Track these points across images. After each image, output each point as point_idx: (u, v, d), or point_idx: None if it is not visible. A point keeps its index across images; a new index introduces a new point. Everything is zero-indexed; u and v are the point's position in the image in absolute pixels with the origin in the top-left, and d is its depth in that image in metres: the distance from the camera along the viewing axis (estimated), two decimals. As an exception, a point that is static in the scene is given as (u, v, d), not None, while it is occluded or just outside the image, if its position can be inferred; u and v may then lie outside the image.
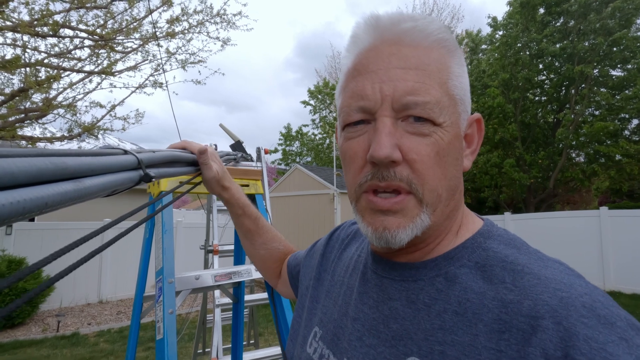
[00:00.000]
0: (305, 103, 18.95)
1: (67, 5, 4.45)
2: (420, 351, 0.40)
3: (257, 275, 1.19)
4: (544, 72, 11.67)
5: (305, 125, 19.38)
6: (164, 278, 0.96)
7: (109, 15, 5.06)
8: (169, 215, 1.03)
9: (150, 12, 4.79)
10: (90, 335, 5.62)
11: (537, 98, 12.21)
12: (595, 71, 9.94)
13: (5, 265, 5.72)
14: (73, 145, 5.71)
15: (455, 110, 0.43)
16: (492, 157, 11.09)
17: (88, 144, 6.21)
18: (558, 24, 11.03)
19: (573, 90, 10.71)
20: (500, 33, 12.08)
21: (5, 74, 4.52)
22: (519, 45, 11.19)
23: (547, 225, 7.79)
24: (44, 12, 4.27)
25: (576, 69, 9.58)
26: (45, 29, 4.30)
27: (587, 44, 9.99)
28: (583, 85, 10.32)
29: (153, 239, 1.14)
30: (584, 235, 7.33)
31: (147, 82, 5.74)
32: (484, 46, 13.72)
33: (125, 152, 0.41)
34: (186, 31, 5.64)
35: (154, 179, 0.43)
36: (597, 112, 10.66)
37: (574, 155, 11.65)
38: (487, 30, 13.83)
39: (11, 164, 0.20)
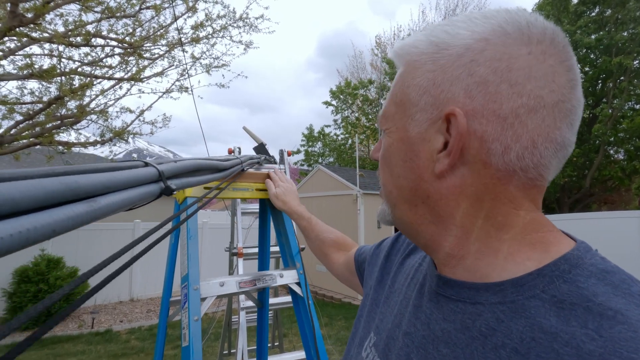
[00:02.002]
0: (327, 103, 18.91)
1: (99, 16, 4.64)
2: None
3: (281, 281, 1.17)
4: (578, 65, 11.08)
5: (327, 126, 19.32)
6: (189, 284, 0.96)
7: (137, 23, 5.24)
8: (194, 221, 1.03)
9: (175, 19, 4.92)
10: (122, 332, 5.83)
11: (570, 93, 11.60)
12: (635, 62, 9.33)
13: (44, 264, 6.03)
14: (104, 149, 5.96)
15: (403, 114, 0.44)
16: (522, 156, 10.62)
17: (119, 148, 6.46)
18: (593, 14, 10.44)
19: (611, 84, 10.11)
20: (530, 26, 11.57)
21: (43, 83, 4.76)
22: (550, 38, 10.67)
23: (583, 227, 7.39)
24: (77, 23, 4.47)
25: (614, 61, 9.03)
26: (79, 39, 4.50)
27: (625, 34, 9.39)
28: (622, 78, 9.71)
29: (178, 244, 1.15)
30: (625, 237, 6.89)
31: (173, 87, 5.90)
32: (512, 40, 13.18)
33: (146, 164, 0.39)
34: (210, 36, 5.75)
35: (175, 192, 0.41)
36: (637, 106, 10.02)
37: (612, 152, 10.99)
38: (515, 23, 13.26)
39: (12, 189, 0.18)
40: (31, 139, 4.84)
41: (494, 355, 0.35)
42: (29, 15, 3.53)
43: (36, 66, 4.30)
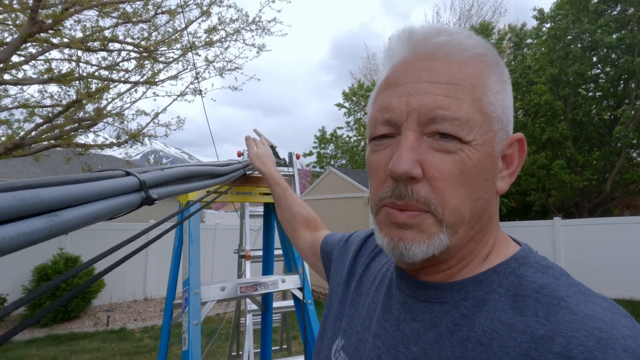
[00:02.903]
0: (339, 105, 18.88)
1: (115, 21, 4.76)
2: None
3: (283, 286, 1.17)
4: (599, 65, 10.74)
5: (339, 128, 19.28)
6: (190, 289, 0.97)
7: (152, 27, 5.35)
8: (196, 225, 1.04)
9: (187, 24, 5.00)
10: (136, 331, 5.93)
11: (590, 94, 11.25)
12: (659, 62, 8.97)
13: (62, 263, 6.21)
14: (121, 151, 6.09)
15: (489, 128, 0.41)
16: (539, 158, 10.36)
17: (135, 150, 6.60)
18: (614, 12, 10.11)
19: (633, 84, 9.75)
20: (548, 25, 11.29)
21: (62, 86, 4.91)
22: (569, 37, 10.37)
23: (604, 233, 7.13)
24: (95, 28, 4.59)
25: (636, 61, 8.72)
26: (96, 43, 4.63)
27: (649, 33, 9.05)
28: (645, 78, 9.36)
29: (182, 248, 1.15)
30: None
31: (187, 90, 5.99)
32: (529, 40, 12.86)
33: (128, 173, 0.39)
34: (223, 39, 5.82)
35: (157, 202, 0.40)
36: (662, 108, 9.62)
37: (634, 155, 10.60)
38: (532, 23, 12.99)
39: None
40: (51, 141, 4.99)
41: (461, 349, 0.38)
42: (49, 21, 3.65)
43: (55, 71, 4.43)
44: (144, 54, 5.26)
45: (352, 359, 0.50)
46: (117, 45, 5.14)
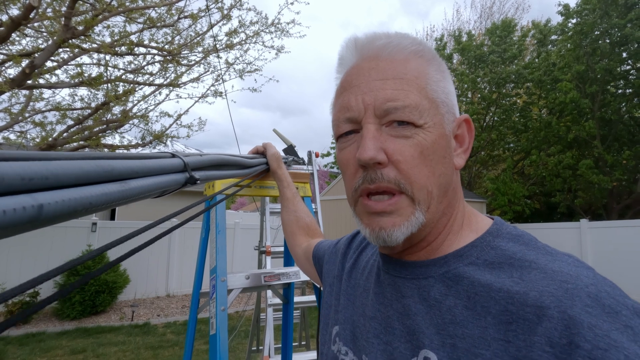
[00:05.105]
0: (357, 106, 18.78)
1: (141, 26, 4.94)
2: (432, 344, 0.42)
3: (305, 277, 1.20)
4: (629, 61, 10.29)
5: (357, 129, 19.18)
6: (217, 276, 1.02)
7: (175, 31, 5.52)
8: (223, 217, 1.09)
9: (211, 26, 5.13)
10: (159, 326, 6.12)
11: (620, 91, 10.80)
12: (696, 57, 8.53)
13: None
14: (145, 152, 6.29)
15: (437, 112, 0.46)
16: (564, 158, 10.03)
17: (158, 151, 6.77)
18: (646, 5, 9.67)
19: (667, 80, 9.31)
20: (574, 21, 10.92)
21: (92, 90, 5.13)
22: (596, 32, 10.00)
23: (635, 236, 6.83)
24: (122, 34, 4.78)
25: (671, 56, 8.32)
26: (123, 48, 4.82)
27: (684, 26, 8.62)
28: (680, 74, 8.91)
29: (208, 239, 1.21)
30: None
31: (208, 92, 6.14)
32: (553, 37, 12.47)
33: (173, 155, 0.43)
34: (243, 42, 5.94)
35: (199, 182, 0.44)
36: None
37: (668, 154, 10.09)
38: (557, 19, 12.59)
39: (57, 166, 0.22)
40: (80, 142, 5.22)
41: (449, 315, 0.42)
42: (80, 28, 3.84)
43: (86, 75, 4.65)
44: (167, 57, 5.44)
45: (349, 344, 0.54)
46: (142, 50, 5.33)
